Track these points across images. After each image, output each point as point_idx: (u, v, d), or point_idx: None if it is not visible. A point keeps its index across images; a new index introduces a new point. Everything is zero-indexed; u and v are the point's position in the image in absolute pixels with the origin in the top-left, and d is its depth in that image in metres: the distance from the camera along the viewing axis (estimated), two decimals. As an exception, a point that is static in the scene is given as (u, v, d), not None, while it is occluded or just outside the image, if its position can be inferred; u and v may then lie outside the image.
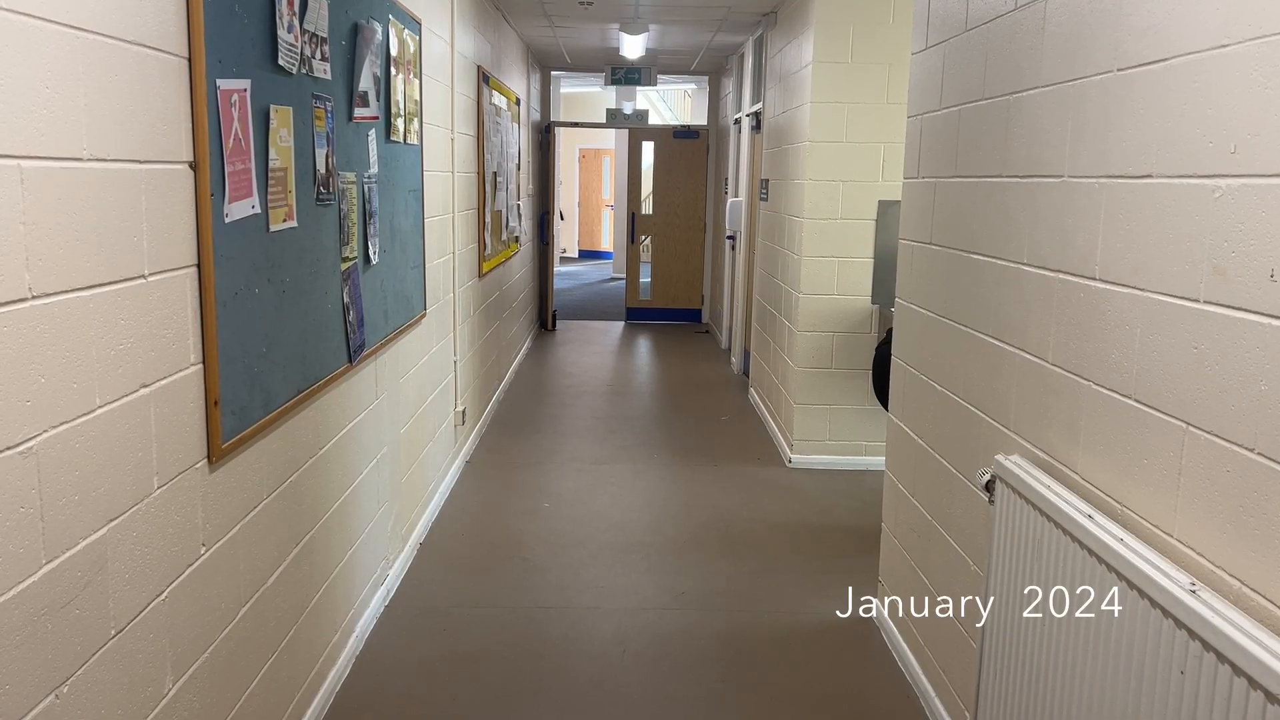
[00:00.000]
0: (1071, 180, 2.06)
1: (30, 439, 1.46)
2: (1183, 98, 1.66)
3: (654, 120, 14.60)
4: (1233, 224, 1.53)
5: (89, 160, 1.59)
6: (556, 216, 11.29)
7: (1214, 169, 1.57)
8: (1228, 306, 1.54)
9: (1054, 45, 2.16)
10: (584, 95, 15.34)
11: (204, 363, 2.01)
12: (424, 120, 4.04)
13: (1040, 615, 2.02)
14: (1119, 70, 1.88)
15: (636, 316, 10.83)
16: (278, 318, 2.37)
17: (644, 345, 9.38)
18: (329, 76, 2.71)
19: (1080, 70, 2.03)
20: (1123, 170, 1.86)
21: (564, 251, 17.51)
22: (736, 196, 8.34)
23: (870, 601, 3.65)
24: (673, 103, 15.47)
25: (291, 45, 2.40)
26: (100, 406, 1.64)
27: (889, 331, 4.44)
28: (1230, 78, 1.54)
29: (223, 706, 2.17)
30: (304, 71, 2.50)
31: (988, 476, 2.34)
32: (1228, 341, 1.54)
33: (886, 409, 4.30)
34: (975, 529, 2.56)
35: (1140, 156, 1.80)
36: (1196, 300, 1.62)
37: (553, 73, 10.88)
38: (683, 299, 10.74)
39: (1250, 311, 1.49)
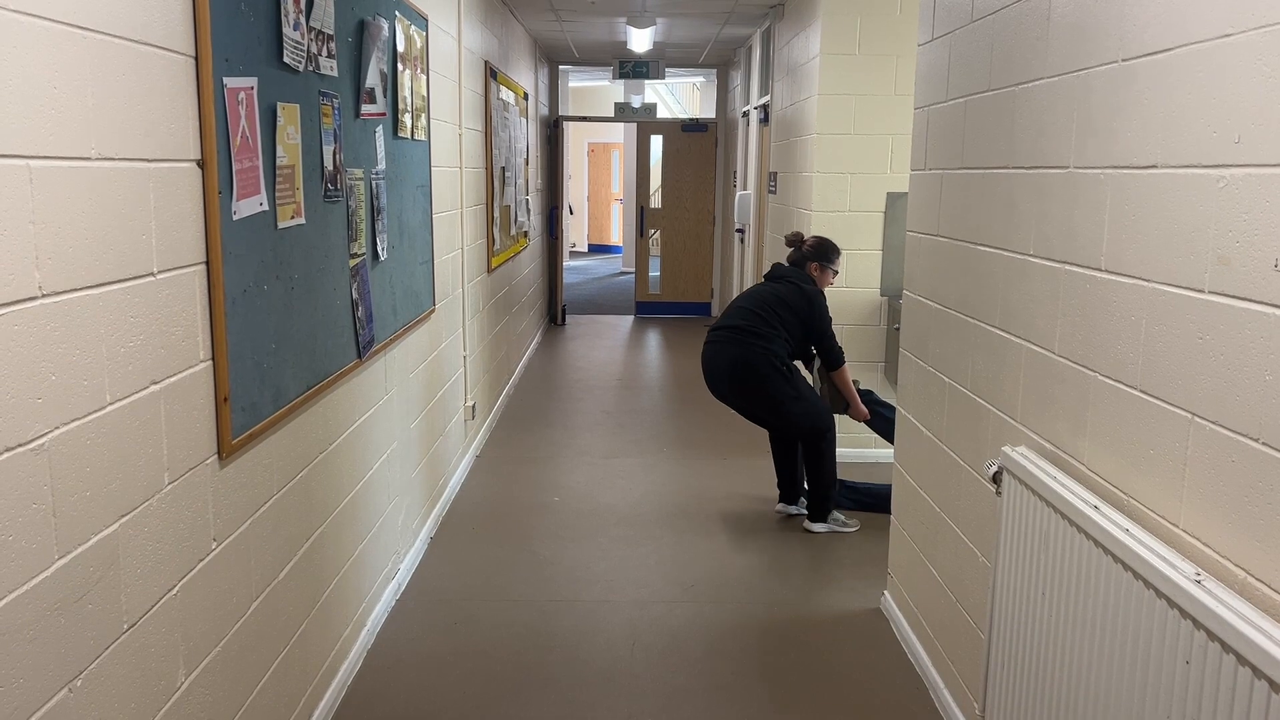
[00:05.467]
0: (1077, 171, 2.06)
1: (42, 436, 1.48)
2: (1187, 88, 1.66)
3: (662, 114, 14.58)
4: (1237, 214, 1.52)
5: (97, 159, 1.61)
6: (565, 211, 11.30)
7: (1218, 159, 1.57)
8: (1232, 297, 1.54)
9: (1059, 36, 2.16)
10: (592, 89, 15.33)
11: (213, 359, 2.02)
12: (431, 116, 4.05)
13: (1047, 606, 2.03)
14: (1124, 60, 1.88)
15: (646, 310, 10.83)
16: (286, 314, 2.38)
17: (653, 339, 9.39)
18: (336, 73, 2.72)
19: (1085, 61, 2.03)
20: (1128, 161, 1.85)
21: (573, 246, 17.51)
22: (745, 189, 8.34)
23: (874, 594, 3.65)
24: (681, 96, 15.45)
25: (298, 43, 2.41)
26: (111, 403, 1.66)
27: None
28: (1234, 67, 1.54)
29: (235, 700, 2.19)
30: (310, 69, 2.51)
31: (994, 468, 2.34)
32: (1232, 332, 1.54)
33: None
34: (983, 521, 2.56)
35: (1145, 147, 1.79)
36: (1201, 291, 1.62)
37: (560, 67, 10.88)
38: (692, 293, 10.74)
39: (1255, 301, 1.48)
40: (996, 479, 2.33)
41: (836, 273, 4.49)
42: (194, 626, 1.98)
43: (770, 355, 4.23)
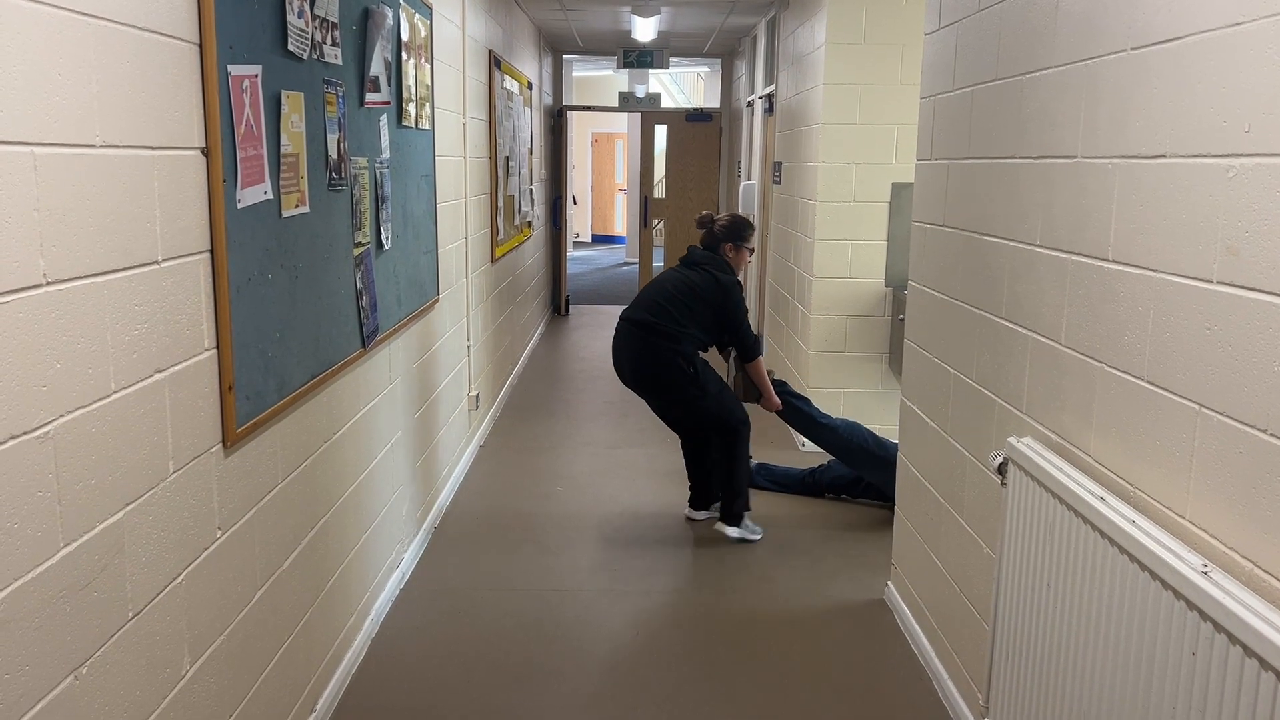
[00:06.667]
0: (1085, 161, 2.05)
1: (47, 424, 1.48)
2: (1197, 76, 1.65)
3: (667, 103, 14.55)
4: (1246, 204, 1.52)
5: (101, 147, 1.60)
6: (569, 201, 11.28)
7: (1228, 148, 1.56)
8: (1240, 287, 1.53)
9: (1067, 24, 2.14)
10: (596, 79, 15.29)
11: (218, 348, 2.02)
12: (436, 105, 4.04)
13: (1052, 598, 2.02)
14: (1133, 49, 1.86)
15: (650, 301, 10.79)
16: (291, 303, 2.38)
17: (657, 329, 9.37)
18: (340, 62, 2.71)
19: (1094, 49, 2.02)
20: (1136, 150, 1.84)
21: (577, 236, 17.49)
22: (749, 180, 8.32)
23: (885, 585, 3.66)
24: (685, 85, 15.42)
25: (302, 30, 2.41)
26: (116, 391, 1.66)
27: None
28: (1244, 56, 1.53)
29: (240, 688, 2.19)
30: (315, 57, 2.51)
31: (1000, 459, 2.34)
32: (1240, 322, 1.53)
33: None
34: (987, 512, 2.56)
35: (1154, 136, 1.78)
36: (1209, 281, 1.61)
37: (565, 56, 10.85)
38: (696, 283, 10.70)
39: (1263, 292, 1.48)
40: (1002, 470, 2.33)
41: (753, 250, 4.32)
42: (199, 615, 1.98)
43: (677, 355, 4.05)
